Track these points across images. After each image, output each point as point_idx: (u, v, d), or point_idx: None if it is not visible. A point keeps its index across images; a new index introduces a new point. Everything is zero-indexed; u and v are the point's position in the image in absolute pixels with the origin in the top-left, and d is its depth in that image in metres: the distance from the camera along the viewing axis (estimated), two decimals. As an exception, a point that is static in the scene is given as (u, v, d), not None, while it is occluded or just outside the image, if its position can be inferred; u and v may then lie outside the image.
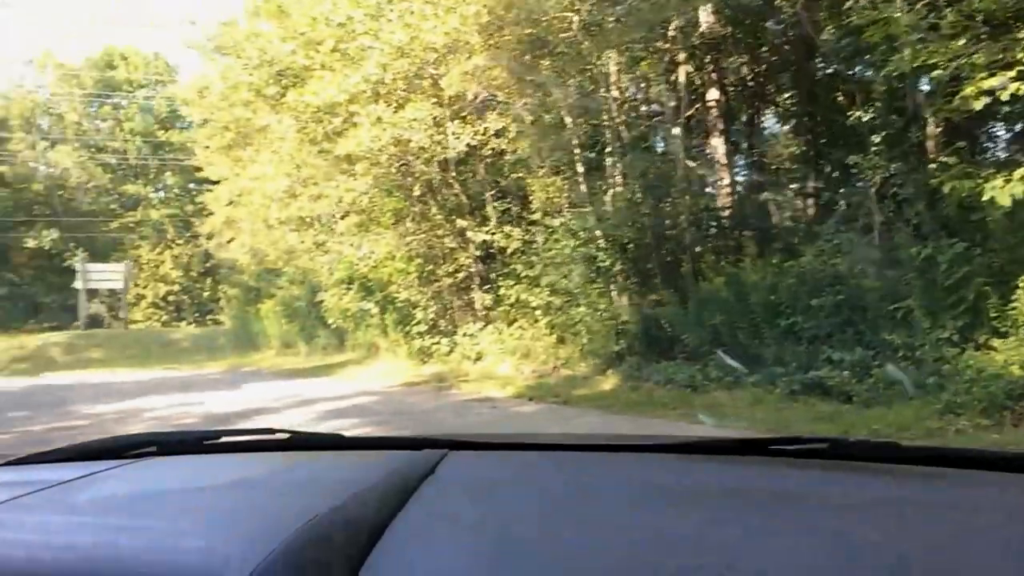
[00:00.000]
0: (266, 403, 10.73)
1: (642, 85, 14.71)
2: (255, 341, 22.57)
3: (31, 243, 41.23)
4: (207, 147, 21.24)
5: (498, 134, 12.25)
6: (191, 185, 44.24)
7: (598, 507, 1.12)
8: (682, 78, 12.28)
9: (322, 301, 17.31)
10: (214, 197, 22.15)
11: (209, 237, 25.99)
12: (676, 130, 12.21)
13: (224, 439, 1.65)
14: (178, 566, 0.89)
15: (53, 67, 44.50)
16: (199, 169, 44.22)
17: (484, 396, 10.44)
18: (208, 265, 41.42)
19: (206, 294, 40.87)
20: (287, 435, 1.60)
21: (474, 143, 12.38)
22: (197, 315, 40.06)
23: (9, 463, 1.52)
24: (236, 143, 20.03)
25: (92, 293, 32.73)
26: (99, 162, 43.63)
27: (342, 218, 17.05)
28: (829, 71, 12.80)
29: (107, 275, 27.31)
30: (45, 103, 44.47)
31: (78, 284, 26.17)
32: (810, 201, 13.34)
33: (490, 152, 12.88)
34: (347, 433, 1.81)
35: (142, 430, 9.04)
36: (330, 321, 17.01)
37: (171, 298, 40.40)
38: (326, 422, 8.62)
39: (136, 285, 38.05)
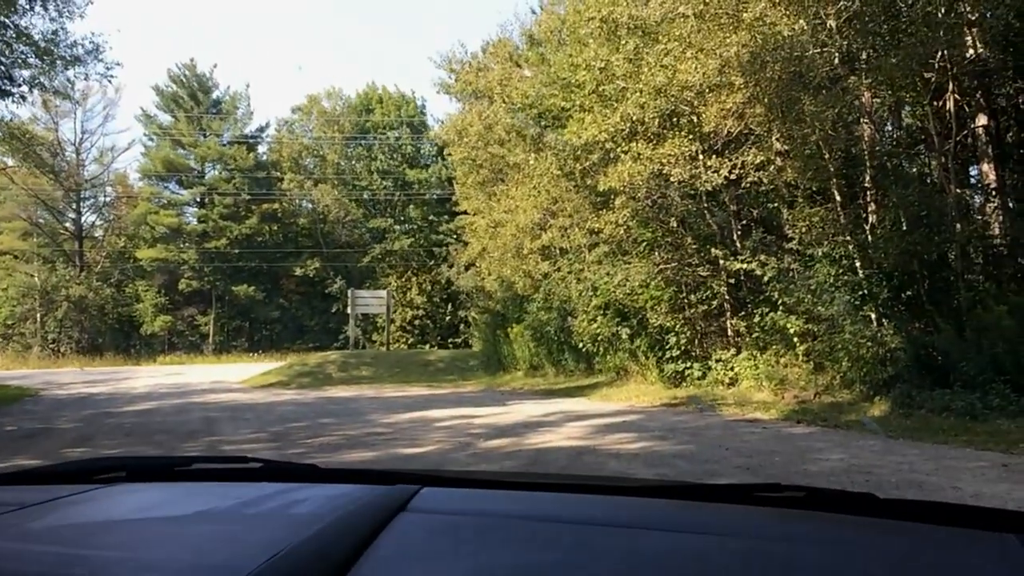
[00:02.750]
0: (539, 417, 11.79)
1: (903, 113, 14.55)
2: (503, 363, 24.15)
3: (297, 271, 46.31)
4: (464, 183, 23.24)
5: (757, 167, 12.67)
6: (431, 218, 47.87)
7: (573, 548, 1.11)
8: (950, 105, 12.11)
9: (571, 326, 18.36)
10: (471, 228, 24.09)
11: (467, 267, 28.08)
12: (942, 158, 12.04)
13: (196, 466, 1.66)
14: None
15: (317, 113, 49.86)
16: (442, 202, 48.32)
17: (749, 418, 10.86)
18: (449, 292, 44.43)
19: (447, 319, 43.75)
20: (260, 464, 1.61)
21: (732, 176, 12.88)
22: (440, 338, 42.89)
23: None
24: (490, 179, 21.76)
25: (357, 317, 36.28)
26: (353, 198, 48.19)
27: (590, 249, 18.09)
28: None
29: (373, 300, 30.33)
30: (310, 145, 49.84)
31: (348, 309, 29.21)
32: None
33: (746, 184, 13.34)
34: (630, 447, 2.15)
35: (437, 436, 10.32)
36: (580, 345, 17.98)
37: (416, 322, 43.58)
38: (606, 435, 9.41)
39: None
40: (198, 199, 47.16)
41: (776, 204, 13.66)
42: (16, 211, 44.77)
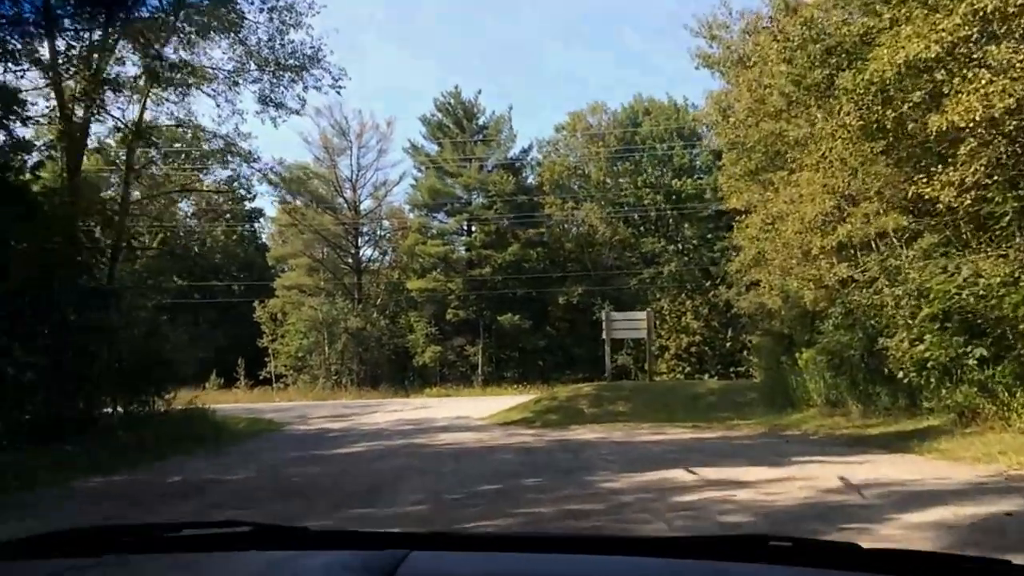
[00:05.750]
0: (842, 497, 7.31)
1: None
2: (790, 397, 19.17)
3: (562, 299, 43.81)
4: (731, 176, 18.80)
5: None
6: (708, 235, 43.23)
7: None
8: None
9: (884, 348, 13.33)
10: (741, 229, 19.52)
11: (738, 271, 23.42)
12: None
13: (186, 532, 1.61)
14: None
15: (581, 130, 47.41)
16: (720, 216, 43.53)
17: None
18: (729, 315, 39.53)
19: (728, 345, 38.88)
20: (249, 528, 1.58)
21: None
22: (719, 367, 38.19)
23: None
24: (764, 166, 17.21)
25: (617, 344, 32.64)
26: (621, 217, 44.95)
27: (908, 242, 12.99)
28: None
29: (630, 323, 26.47)
30: (574, 165, 47.42)
31: (603, 334, 25.63)
32: None
33: None
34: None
35: (666, 524, 6.38)
36: (899, 374, 12.92)
37: (692, 349, 39.20)
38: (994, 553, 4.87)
39: (659, 336, 37.53)
40: (464, 227, 46.56)
41: None
42: (301, 248, 46.92)
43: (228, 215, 50.08)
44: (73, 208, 16.60)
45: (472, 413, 22.90)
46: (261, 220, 51.70)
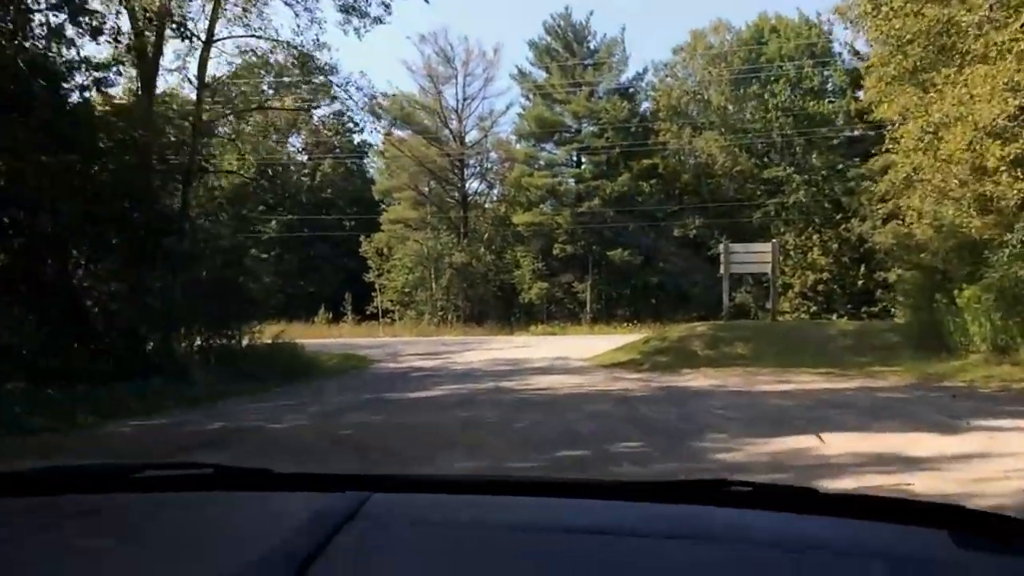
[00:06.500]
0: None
1: None
2: (945, 341, 16.30)
3: (677, 232, 41.01)
4: (881, 79, 15.73)
5: None
6: (838, 165, 39.35)
7: (531, 557, 1.12)
8: None
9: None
10: (894, 139, 16.46)
11: (884, 196, 20.40)
12: None
13: (149, 473, 1.59)
14: None
15: (701, 52, 43.76)
16: (853, 143, 39.47)
17: None
18: (862, 250, 35.97)
19: (860, 283, 35.42)
20: (211, 470, 1.56)
21: None
22: (849, 307, 34.90)
23: None
24: (925, 64, 14.21)
25: (736, 280, 29.90)
26: (743, 145, 41.47)
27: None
28: None
29: (752, 256, 23.66)
30: (692, 90, 43.95)
31: (720, 269, 23.04)
32: None
33: None
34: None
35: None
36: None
37: (820, 287, 35.95)
38: None
39: (782, 273, 34.42)
40: (573, 158, 44.11)
41: None
42: (407, 181, 45.66)
43: (336, 149, 49.35)
44: (142, 128, 15.42)
45: (574, 353, 21.05)
46: (368, 153, 50.70)
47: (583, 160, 43.43)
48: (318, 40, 18.34)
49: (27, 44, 13.39)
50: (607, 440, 7.57)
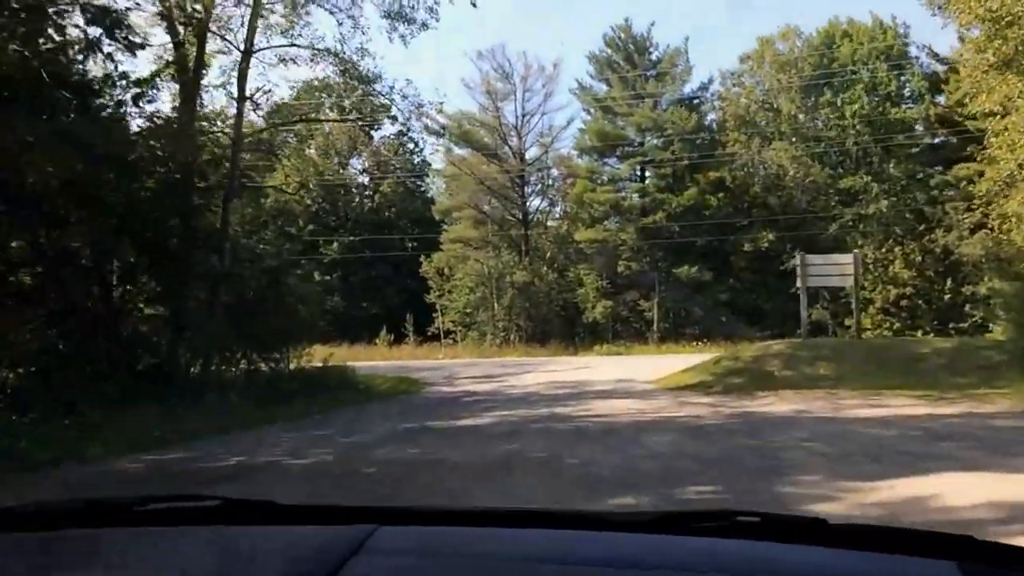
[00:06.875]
0: None
1: None
2: (1056, 360, 14.50)
3: (748, 246, 39.20)
4: (977, 67, 14.07)
5: None
6: (918, 174, 37.10)
7: None
8: None
9: None
10: (996, 133, 14.73)
11: (973, 230, 18.58)
12: None
13: (152, 506, 1.56)
14: None
15: (769, 59, 41.97)
16: (935, 149, 37.20)
17: None
18: (947, 263, 33.67)
19: (947, 297, 33.10)
20: (217, 502, 1.54)
21: None
22: (936, 323, 32.61)
23: None
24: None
25: (813, 296, 28.04)
26: (816, 155, 39.50)
27: None
28: None
29: (831, 268, 21.90)
30: (761, 99, 42.16)
31: (797, 283, 21.35)
32: None
33: None
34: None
35: None
36: None
37: (903, 303, 33.71)
38: None
39: (862, 288, 32.36)
40: (636, 172, 42.72)
41: None
42: (467, 200, 44.91)
43: (397, 169, 49.01)
44: (182, 145, 14.80)
45: (640, 375, 19.68)
46: (428, 173, 50.20)
47: (647, 174, 42.04)
48: (363, 47, 17.61)
49: (60, 56, 12.88)
50: (672, 483, 6.33)
